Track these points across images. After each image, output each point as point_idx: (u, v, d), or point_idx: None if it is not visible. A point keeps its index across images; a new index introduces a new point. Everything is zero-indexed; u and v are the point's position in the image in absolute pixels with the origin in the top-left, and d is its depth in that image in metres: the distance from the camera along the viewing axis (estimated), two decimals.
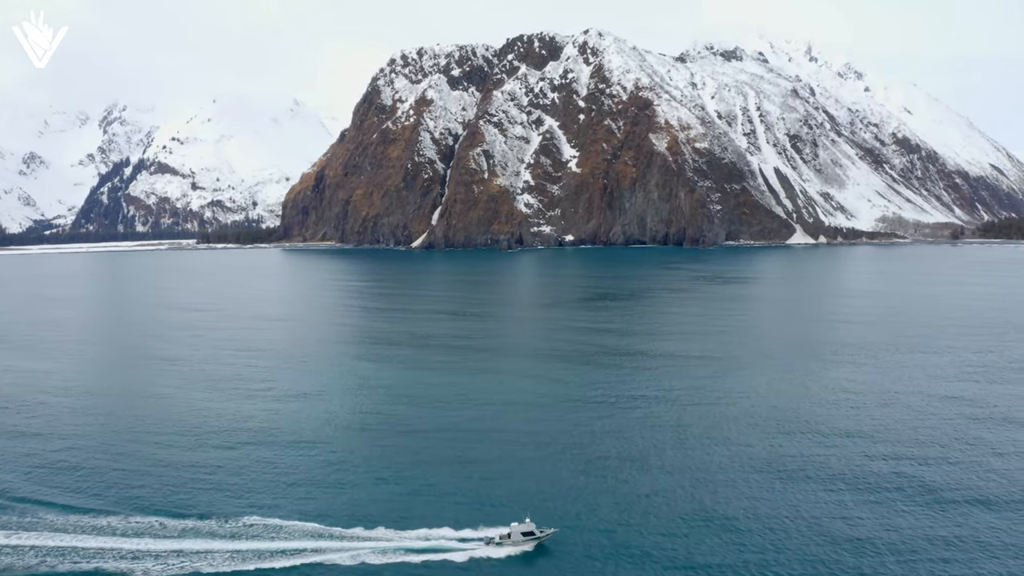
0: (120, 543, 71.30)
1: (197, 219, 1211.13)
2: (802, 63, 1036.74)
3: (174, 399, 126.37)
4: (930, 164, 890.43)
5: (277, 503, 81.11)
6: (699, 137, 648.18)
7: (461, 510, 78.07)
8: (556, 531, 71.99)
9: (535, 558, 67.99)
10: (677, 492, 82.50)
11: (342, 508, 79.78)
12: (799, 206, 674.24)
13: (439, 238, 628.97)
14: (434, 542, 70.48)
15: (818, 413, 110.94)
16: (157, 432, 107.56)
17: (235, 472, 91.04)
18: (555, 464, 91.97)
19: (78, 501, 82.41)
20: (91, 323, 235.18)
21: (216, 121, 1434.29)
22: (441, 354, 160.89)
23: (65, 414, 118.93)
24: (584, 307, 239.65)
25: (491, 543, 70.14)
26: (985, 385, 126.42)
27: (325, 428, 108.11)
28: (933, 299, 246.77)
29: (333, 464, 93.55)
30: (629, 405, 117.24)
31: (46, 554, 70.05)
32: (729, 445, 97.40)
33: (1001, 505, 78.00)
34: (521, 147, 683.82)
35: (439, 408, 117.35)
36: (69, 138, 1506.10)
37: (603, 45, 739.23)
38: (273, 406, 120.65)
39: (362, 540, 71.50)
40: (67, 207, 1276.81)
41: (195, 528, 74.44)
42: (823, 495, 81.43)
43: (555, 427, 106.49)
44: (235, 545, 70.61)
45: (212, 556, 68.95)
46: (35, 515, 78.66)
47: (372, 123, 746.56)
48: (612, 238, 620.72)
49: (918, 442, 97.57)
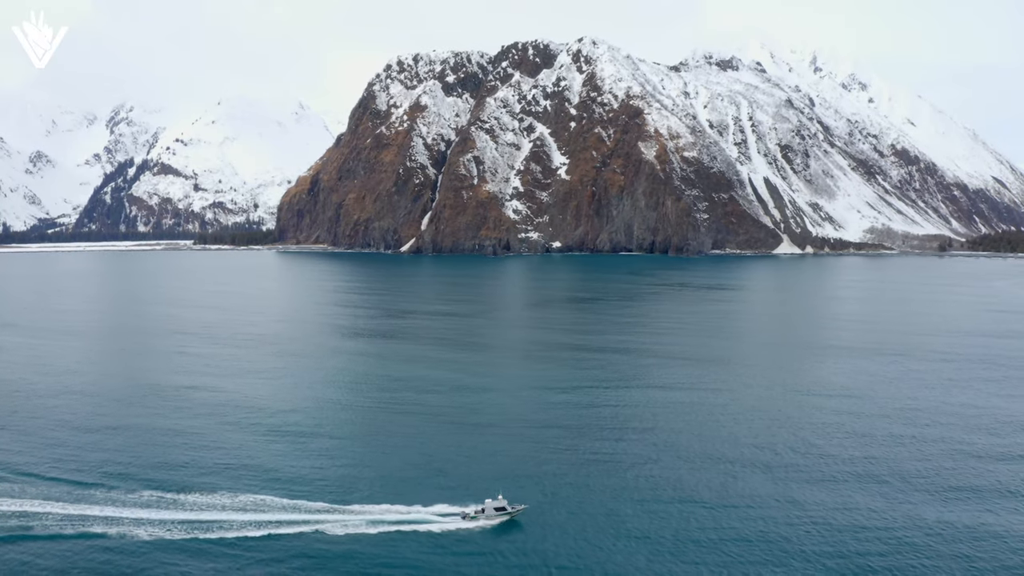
0: (132, 513, 79.12)
1: (199, 220, 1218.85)
2: (803, 73, 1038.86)
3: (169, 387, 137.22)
4: (928, 176, 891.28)
5: (269, 480, 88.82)
6: (688, 146, 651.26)
7: (440, 487, 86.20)
8: (526, 507, 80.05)
9: (506, 531, 76.03)
10: (640, 475, 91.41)
11: (331, 485, 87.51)
12: (787, 216, 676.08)
13: (427, 243, 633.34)
14: (415, 515, 78.15)
15: (769, 399, 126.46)
16: (160, 414, 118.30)
17: (221, 451, 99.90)
18: (526, 447, 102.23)
19: (93, 479, 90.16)
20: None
21: (221, 123, 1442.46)
22: (420, 347, 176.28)
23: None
24: (532, 310, 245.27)
25: (467, 517, 77.69)
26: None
27: (312, 413, 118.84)
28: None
29: (321, 445, 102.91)
30: (597, 395, 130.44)
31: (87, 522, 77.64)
32: (693, 433, 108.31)
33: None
34: (512, 154, 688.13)
35: (419, 395, 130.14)
36: (76, 138, 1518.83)
37: (597, 53, 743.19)
38: (260, 392, 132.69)
39: (348, 514, 78.63)
40: (72, 206, 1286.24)
41: (196, 502, 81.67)
42: (780, 473, 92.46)
43: (527, 414, 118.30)
44: (227, 516, 77.98)
45: (208, 526, 76.38)
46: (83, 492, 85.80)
47: (367, 128, 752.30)
48: (599, 245, 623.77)
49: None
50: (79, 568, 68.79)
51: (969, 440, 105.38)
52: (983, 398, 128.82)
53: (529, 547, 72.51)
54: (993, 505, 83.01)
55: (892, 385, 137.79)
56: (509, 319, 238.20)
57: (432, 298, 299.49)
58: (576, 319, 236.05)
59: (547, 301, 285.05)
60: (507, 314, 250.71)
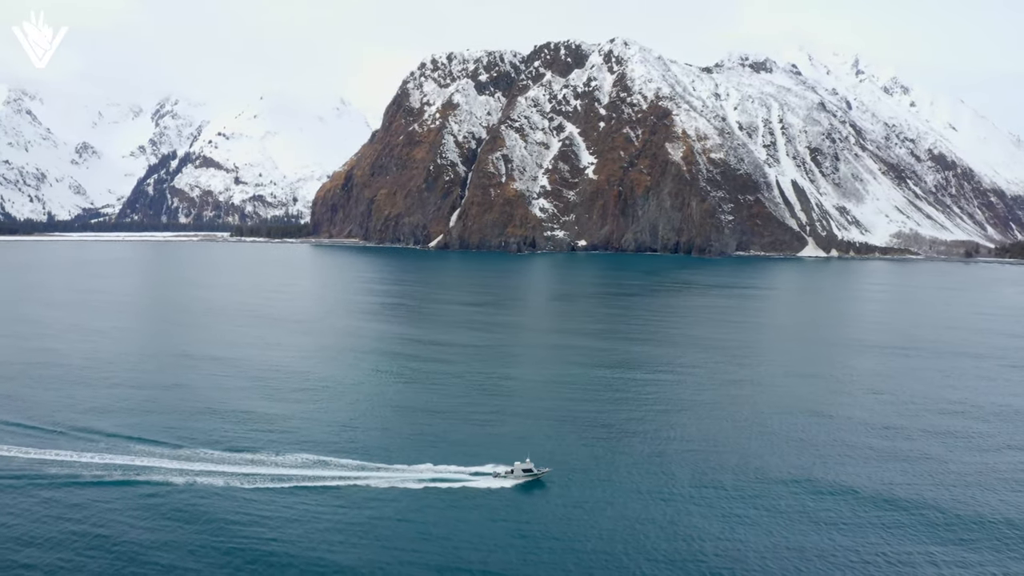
0: (189, 465, 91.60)
1: (238, 213, 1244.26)
2: (841, 76, 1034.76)
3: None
4: (965, 181, 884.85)
5: (321, 442, 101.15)
6: (715, 147, 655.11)
7: (475, 450, 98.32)
8: (550, 470, 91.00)
9: (531, 488, 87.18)
10: (658, 447, 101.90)
11: (381, 447, 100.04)
12: (813, 219, 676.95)
13: (454, 239, 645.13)
14: (454, 473, 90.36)
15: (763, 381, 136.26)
16: (215, 385, 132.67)
17: (283, 418, 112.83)
18: (553, 415, 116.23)
19: (162, 437, 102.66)
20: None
21: (262, 118, 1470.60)
22: (452, 331, 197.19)
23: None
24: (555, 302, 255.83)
25: (498, 476, 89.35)
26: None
27: (358, 384, 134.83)
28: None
29: (370, 411, 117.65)
30: (624, 373, 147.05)
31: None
32: (710, 412, 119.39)
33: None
34: (541, 152, 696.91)
35: (456, 369, 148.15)
36: (122, 130, 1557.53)
37: (628, 54, 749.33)
38: (309, 365, 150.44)
39: (394, 471, 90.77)
40: (116, 197, 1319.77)
41: (260, 459, 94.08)
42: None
43: (554, 386, 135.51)
44: (281, 471, 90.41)
45: (273, 478, 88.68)
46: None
47: (399, 125, 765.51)
48: (624, 245, 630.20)
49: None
50: (171, 507, 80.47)
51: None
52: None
53: (549, 501, 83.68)
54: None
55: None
56: (535, 309, 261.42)
57: (455, 289, 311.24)
58: (575, 312, 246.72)
59: (570, 295, 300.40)
60: (533, 304, 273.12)
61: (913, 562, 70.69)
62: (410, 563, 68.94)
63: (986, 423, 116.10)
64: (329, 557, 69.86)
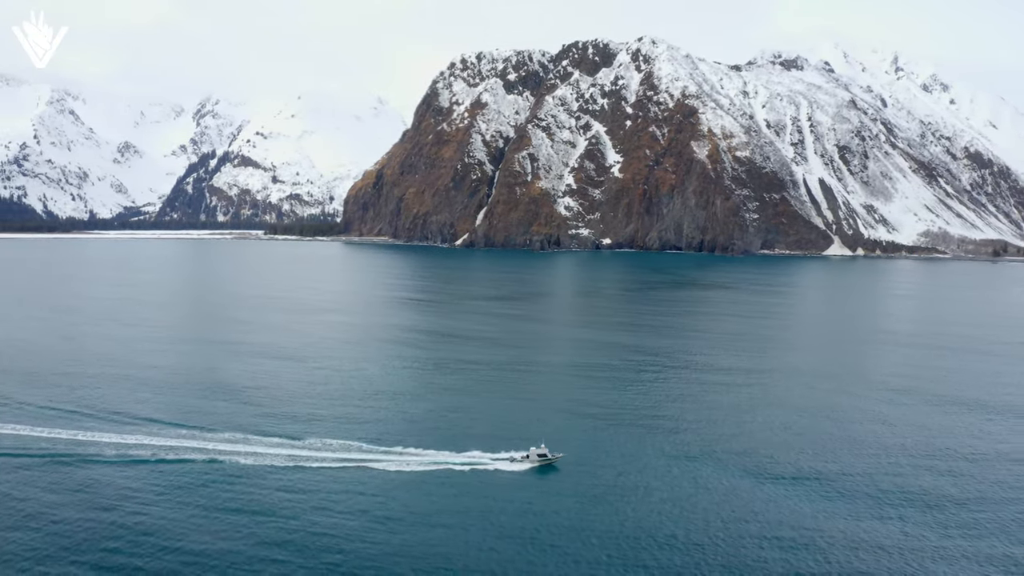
0: (224, 446, 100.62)
1: (275, 211, 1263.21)
2: (878, 74, 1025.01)
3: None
4: (1001, 180, 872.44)
5: (349, 428, 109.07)
6: (741, 146, 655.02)
7: (494, 436, 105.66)
8: (563, 455, 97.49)
9: (545, 471, 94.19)
10: (668, 437, 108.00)
11: (409, 433, 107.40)
12: (840, 218, 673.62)
13: (480, 237, 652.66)
14: (474, 457, 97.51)
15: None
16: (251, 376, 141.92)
17: (313, 405, 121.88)
18: (569, 404, 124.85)
19: (187, 420, 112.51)
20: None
21: (300, 117, 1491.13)
22: (475, 323, 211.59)
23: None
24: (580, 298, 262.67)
25: (514, 461, 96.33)
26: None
27: (385, 375, 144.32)
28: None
29: (395, 399, 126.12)
30: (639, 365, 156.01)
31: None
32: (720, 405, 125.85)
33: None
34: (567, 151, 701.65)
35: (480, 360, 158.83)
36: (164, 129, 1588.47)
37: (655, 53, 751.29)
38: (336, 351, 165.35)
39: (421, 456, 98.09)
40: (157, 195, 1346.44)
41: (293, 443, 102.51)
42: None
43: (572, 377, 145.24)
44: (318, 453, 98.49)
45: (304, 459, 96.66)
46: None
47: (429, 124, 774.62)
48: (648, 243, 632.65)
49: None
50: (213, 482, 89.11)
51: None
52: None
53: (561, 483, 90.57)
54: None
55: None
56: (560, 305, 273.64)
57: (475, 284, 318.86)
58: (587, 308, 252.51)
59: (592, 291, 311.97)
60: (557, 300, 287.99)
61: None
62: (423, 544, 74.69)
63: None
64: (357, 534, 76.51)
